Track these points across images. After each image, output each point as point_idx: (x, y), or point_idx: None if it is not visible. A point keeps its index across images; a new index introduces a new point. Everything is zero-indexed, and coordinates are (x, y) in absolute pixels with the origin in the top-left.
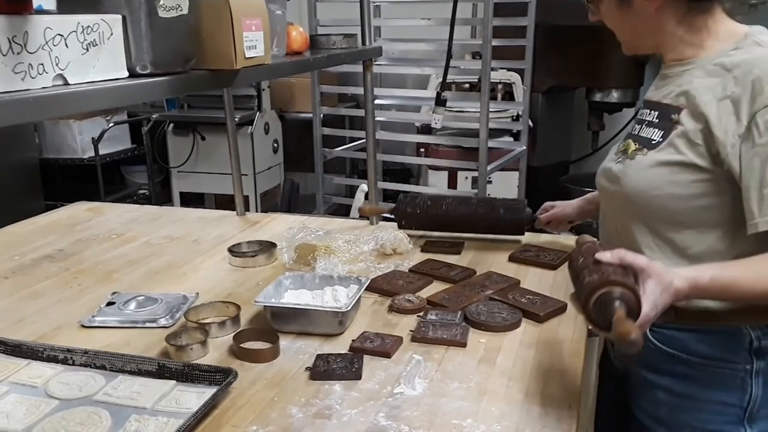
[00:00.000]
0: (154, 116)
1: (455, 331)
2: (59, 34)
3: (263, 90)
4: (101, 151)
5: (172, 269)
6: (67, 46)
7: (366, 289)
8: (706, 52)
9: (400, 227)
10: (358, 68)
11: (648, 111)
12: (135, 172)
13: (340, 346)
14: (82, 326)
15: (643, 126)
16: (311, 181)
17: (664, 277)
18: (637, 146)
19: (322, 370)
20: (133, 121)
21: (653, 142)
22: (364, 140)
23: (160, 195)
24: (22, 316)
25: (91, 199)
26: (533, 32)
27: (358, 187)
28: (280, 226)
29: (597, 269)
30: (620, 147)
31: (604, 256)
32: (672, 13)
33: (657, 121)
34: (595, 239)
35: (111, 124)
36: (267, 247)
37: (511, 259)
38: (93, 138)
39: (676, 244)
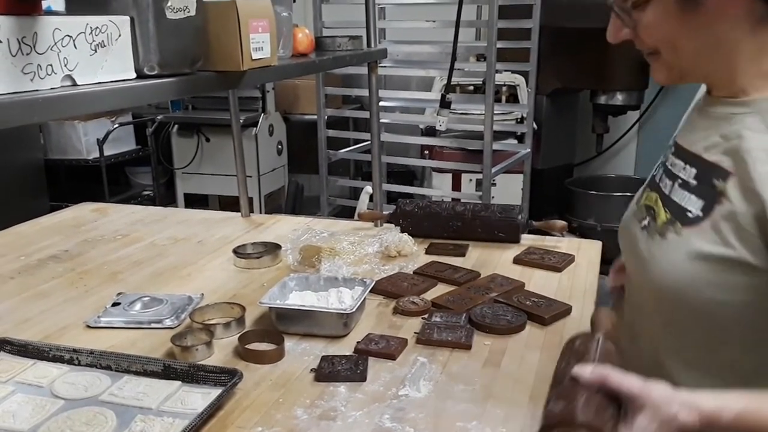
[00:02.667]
0: (158, 117)
1: (460, 333)
2: (68, 35)
3: (268, 92)
4: (106, 152)
5: (177, 270)
6: (75, 47)
7: (370, 291)
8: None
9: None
10: (363, 70)
11: (682, 164)
12: (139, 173)
13: (345, 347)
14: (88, 326)
15: (676, 186)
16: (315, 183)
17: (663, 410)
18: (668, 217)
19: (327, 371)
20: (138, 122)
21: (690, 215)
22: (369, 142)
23: (165, 196)
24: (27, 316)
25: (95, 200)
26: (538, 34)
27: (361, 189)
28: (284, 228)
29: (567, 393)
30: (644, 198)
31: (584, 372)
32: (744, 19)
33: (695, 182)
34: (611, 319)
35: (116, 125)
36: (272, 248)
37: (516, 261)
38: (98, 139)
39: (719, 359)
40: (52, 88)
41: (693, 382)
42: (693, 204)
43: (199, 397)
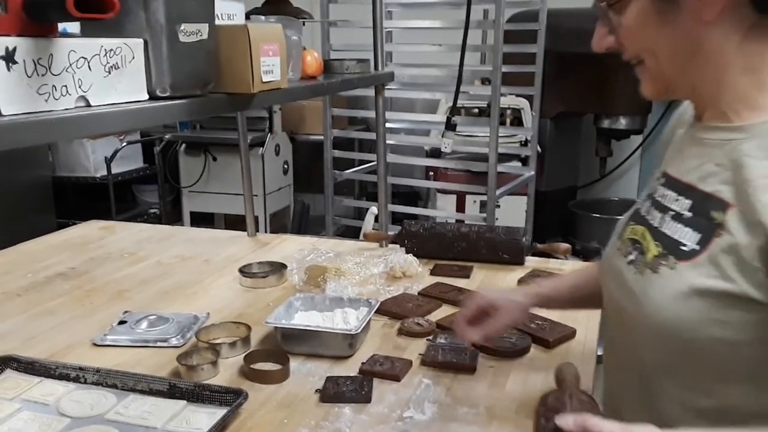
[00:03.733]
0: (166, 136)
1: (464, 355)
2: (83, 57)
3: (275, 112)
4: (113, 170)
5: (183, 289)
6: (90, 68)
7: (375, 312)
8: (765, 109)
9: (408, 251)
10: (369, 92)
11: (674, 195)
12: (146, 191)
13: (350, 368)
14: (94, 344)
15: (667, 218)
16: (319, 203)
17: None
18: (660, 251)
19: (332, 392)
20: (145, 141)
21: (684, 248)
22: (374, 163)
23: (171, 214)
24: (34, 333)
25: (102, 218)
26: (542, 59)
27: (366, 209)
28: (290, 248)
29: None
30: (628, 232)
31: (566, 423)
32: (733, 28)
33: (689, 214)
34: (575, 375)
35: (124, 144)
36: (277, 268)
37: (520, 283)
38: (106, 157)
39: (718, 402)
40: (66, 109)
41: (691, 425)
42: (688, 237)
43: (204, 417)
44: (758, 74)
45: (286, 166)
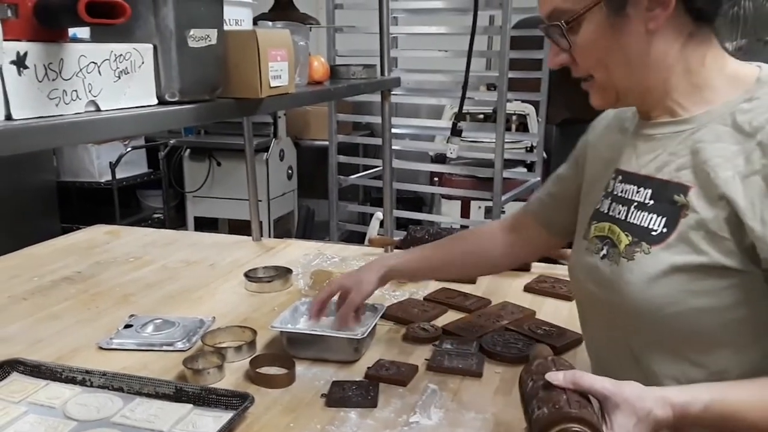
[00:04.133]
0: (171, 141)
1: (471, 361)
2: (93, 62)
3: (279, 117)
4: (118, 175)
5: (188, 293)
6: (100, 73)
7: (381, 317)
8: (708, 103)
9: None
10: (373, 97)
11: (634, 187)
12: (150, 196)
13: (356, 373)
14: (100, 348)
15: (632, 209)
16: (323, 208)
17: (638, 406)
18: (630, 239)
19: (338, 396)
20: (150, 146)
21: (654, 233)
22: (378, 168)
23: (175, 219)
24: (40, 337)
25: (106, 222)
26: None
27: (370, 214)
28: (295, 252)
29: (548, 398)
30: (593, 231)
31: (556, 377)
32: (675, 35)
33: (651, 202)
34: (551, 354)
35: (128, 149)
36: (283, 272)
37: (527, 289)
38: (110, 162)
39: (708, 370)
40: (76, 113)
41: None
42: (655, 222)
43: (210, 421)
44: (698, 74)
45: (290, 172)
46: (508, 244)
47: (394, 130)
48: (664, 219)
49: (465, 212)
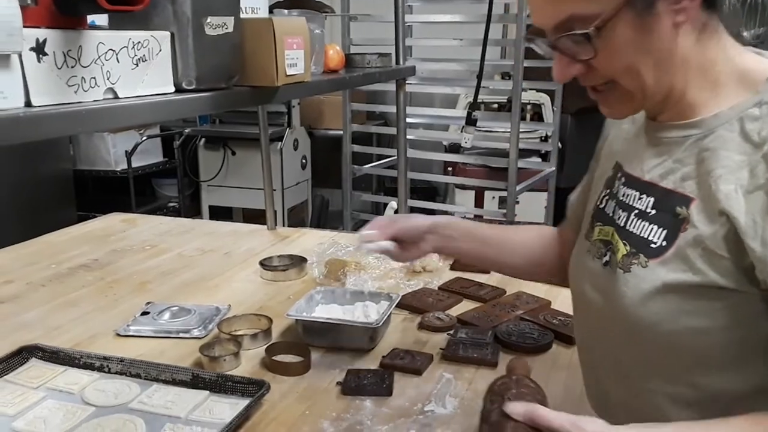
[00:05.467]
0: (186, 131)
1: (486, 350)
2: (111, 49)
3: (293, 107)
4: (133, 164)
5: (204, 281)
6: (118, 60)
7: (395, 306)
8: (718, 104)
9: None
10: (387, 87)
11: (636, 193)
12: (165, 185)
13: (371, 362)
14: (117, 335)
15: (632, 216)
16: (336, 198)
17: None
18: (629, 249)
19: (353, 385)
20: (165, 135)
21: (653, 245)
22: (392, 158)
23: (190, 208)
24: (58, 323)
25: (121, 211)
26: None
27: (383, 204)
28: (310, 241)
29: (496, 427)
30: (597, 233)
31: (514, 409)
32: (692, 28)
33: (653, 212)
34: (525, 369)
35: (144, 138)
36: (298, 261)
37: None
38: (126, 151)
39: (701, 390)
40: (94, 101)
41: (681, 416)
42: (655, 234)
43: (227, 407)
44: (711, 70)
45: (304, 161)
46: (559, 255)
47: (408, 120)
48: (664, 231)
49: (479, 202)
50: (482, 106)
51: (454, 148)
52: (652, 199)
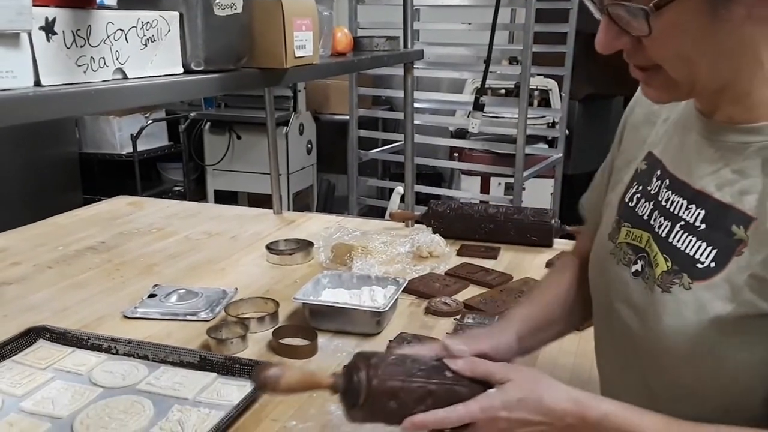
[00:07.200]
0: (191, 114)
1: None
2: (120, 29)
3: (299, 91)
4: (139, 148)
5: (211, 264)
6: (127, 41)
7: (402, 291)
8: None
9: (434, 231)
10: (393, 71)
11: (684, 202)
12: (171, 168)
13: (377, 346)
14: (125, 317)
15: (677, 228)
16: (342, 183)
17: (527, 387)
18: (670, 266)
19: None
20: (170, 119)
21: (700, 265)
22: (399, 143)
23: (195, 192)
24: (66, 305)
25: (127, 194)
26: (573, 39)
27: (389, 189)
28: (316, 226)
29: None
30: (624, 235)
31: (455, 364)
32: (764, 20)
33: (703, 226)
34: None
35: (149, 121)
36: (304, 245)
37: (549, 265)
38: (132, 134)
39: (742, 418)
40: (103, 81)
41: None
42: (703, 253)
43: (234, 389)
44: None
45: (309, 146)
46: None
47: (415, 104)
48: (714, 251)
49: (485, 188)
50: (489, 92)
51: (461, 133)
52: (702, 212)
